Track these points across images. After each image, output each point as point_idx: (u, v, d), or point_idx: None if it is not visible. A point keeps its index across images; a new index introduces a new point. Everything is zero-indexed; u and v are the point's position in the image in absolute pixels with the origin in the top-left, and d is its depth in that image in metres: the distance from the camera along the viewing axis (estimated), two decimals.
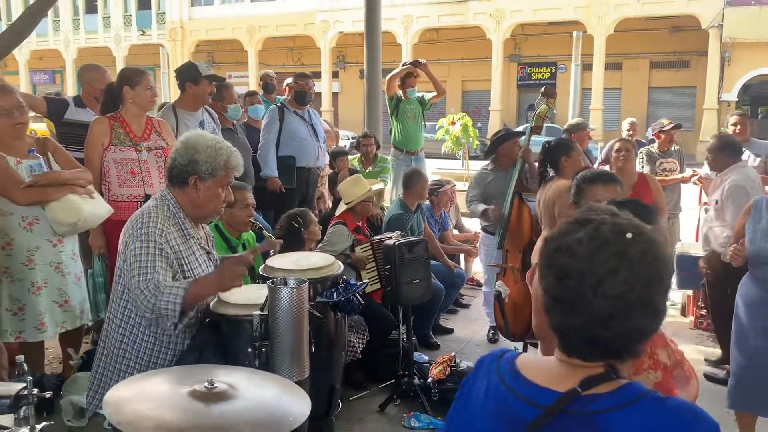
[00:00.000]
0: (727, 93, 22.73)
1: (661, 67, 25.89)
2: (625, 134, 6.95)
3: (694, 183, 5.87)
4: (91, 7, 34.37)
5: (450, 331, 5.35)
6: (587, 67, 22.98)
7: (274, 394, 1.49)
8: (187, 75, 4.53)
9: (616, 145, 4.86)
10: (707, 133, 20.90)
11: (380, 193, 6.41)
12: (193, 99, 4.55)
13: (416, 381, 4.02)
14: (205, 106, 4.70)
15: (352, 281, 2.96)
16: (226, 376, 1.44)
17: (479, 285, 6.35)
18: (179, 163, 2.49)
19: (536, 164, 4.50)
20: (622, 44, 24.62)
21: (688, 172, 5.95)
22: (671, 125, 6.06)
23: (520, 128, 5.34)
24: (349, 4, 26.93)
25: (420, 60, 7.05)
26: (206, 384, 1.38)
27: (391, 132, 7.19)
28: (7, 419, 1.78)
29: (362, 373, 4.26)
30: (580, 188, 2.86)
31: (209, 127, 4.57)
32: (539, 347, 2.64)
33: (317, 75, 26.53)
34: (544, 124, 5.00)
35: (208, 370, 1.49)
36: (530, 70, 28.08)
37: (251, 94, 6.34)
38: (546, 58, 27.24)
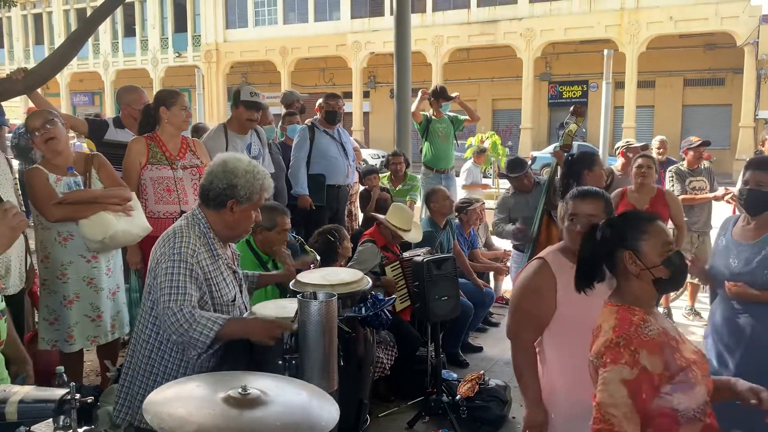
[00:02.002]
0: (764, 110, 22.34)
1: (696, 85, 25.56)
2: (655, 152, 6.89)
3: (728, 202, 5.77)
4: (129, 31, 35.36)
5: (479, 349, 5.34)
6: (620, 85, 22.79)
7: (304, 399, 1.54)
8: (232, 98, 4.71)
9: (638, 162, 5.02)
10: (743, 151, 20.52)
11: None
12: (237, 122, 4.70)
13: (445, 398, 4.02)
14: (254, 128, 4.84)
15: (381, 296, 3.01)
16: (256, 382, 1.50)
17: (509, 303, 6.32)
18: (217, 186, 2.50)
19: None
20: (655, 62, 24.39)
21: (720, 190, 5.85)
22: (699, 142, 6.01)
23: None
24: (380, 25, 27.30)
25: (452, 95, 7.19)
26: (240, 390, 1.43)
27: (421, 151, 7.27)
28: (45, 426, 1.84)
29: (391, 390, 4.28)
30: (568, 204, 2.86)
31: (256, 149, 4.70)
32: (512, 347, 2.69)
33: (348, 95, 26.83)
34: (576, 143, 5.06)
35: (238, 377, 1.54)
36: (561, 88, 27.96)
37: (291, 114, 6.47)
38: (577, 77, 27.09)
